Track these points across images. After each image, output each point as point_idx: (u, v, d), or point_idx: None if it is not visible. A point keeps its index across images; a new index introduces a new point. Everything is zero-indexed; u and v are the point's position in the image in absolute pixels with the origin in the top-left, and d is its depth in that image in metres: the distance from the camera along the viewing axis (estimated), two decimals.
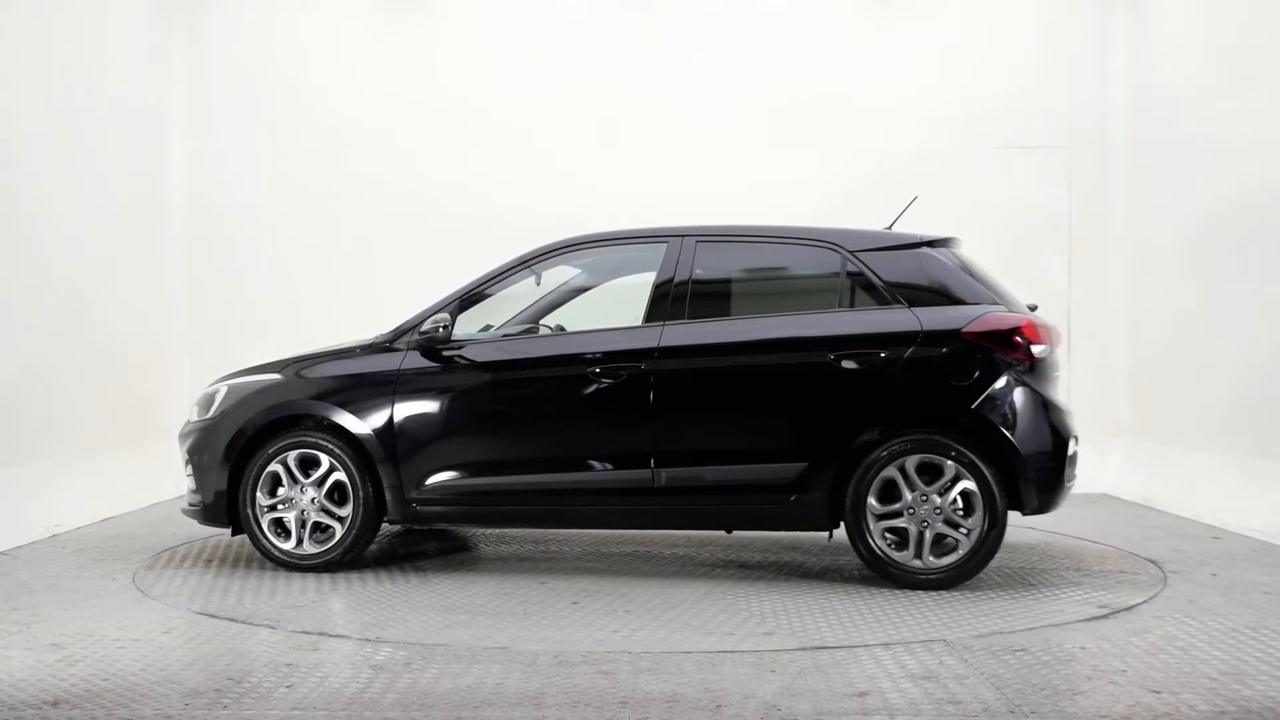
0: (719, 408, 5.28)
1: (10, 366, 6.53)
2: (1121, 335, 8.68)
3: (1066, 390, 8.02)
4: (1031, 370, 5.09)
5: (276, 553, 5.55)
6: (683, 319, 5.34)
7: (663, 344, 5.28)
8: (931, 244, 5.36)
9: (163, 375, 8.67)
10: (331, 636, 4.32)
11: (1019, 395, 5.05)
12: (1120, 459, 8.43)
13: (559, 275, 6.00)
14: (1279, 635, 4.32)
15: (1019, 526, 6.65)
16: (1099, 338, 8.73)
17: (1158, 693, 3.59)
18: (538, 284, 5.91)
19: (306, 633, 4.37)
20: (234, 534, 5.70)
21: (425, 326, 5.49)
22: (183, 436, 5.84)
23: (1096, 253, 8.76)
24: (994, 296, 5.22)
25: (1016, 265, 8.44)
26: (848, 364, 5.10)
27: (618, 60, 8.91)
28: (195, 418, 5.79)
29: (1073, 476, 5.21)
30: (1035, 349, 5.08)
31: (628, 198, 8.20)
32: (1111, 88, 8.70)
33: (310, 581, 5.34)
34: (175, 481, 8.42)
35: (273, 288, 8.91)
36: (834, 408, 5.12)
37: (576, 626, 4.48)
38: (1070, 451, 5.13)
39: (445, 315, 5.48)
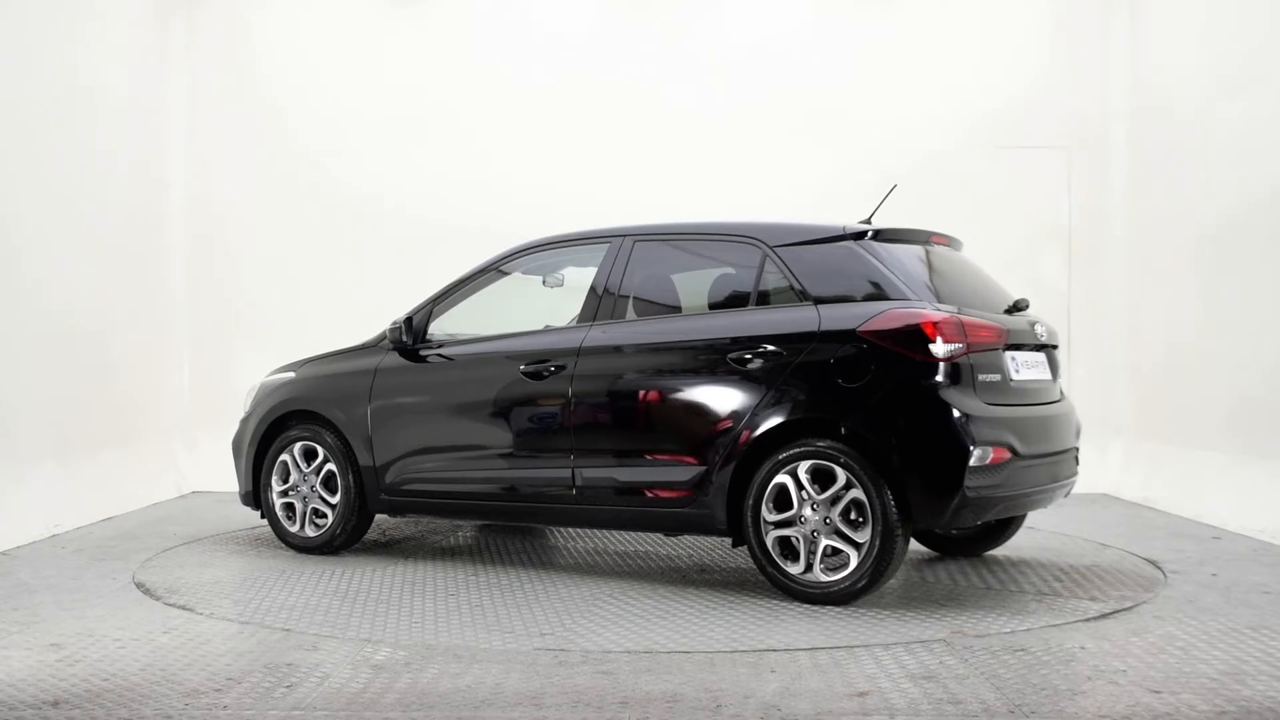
0: (627, 409, 5.20)
1: (10, 366, 6.53)
2: (1121, 335, 8.68)
3: (1067, 390, 8.03)
4: (938, 371, 4.59)
5: (287, 535, 6.08)
6: (611, 319, 5.35)
7: (584, 345, 5.31)
8: (857, 236, 4.98)
9: (162, 375, 8.67)
10: (331, 637, 4.31)
11: (913, 398, 4.60)
12: (1120, 459, 8.44)
13: (525, 278, 6.04)
14: (1279, 635, 4.32)
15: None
16: (1099, 338, 8.74)
17: (1158, 693, 3.59)
18: (546, 284, 6.03)
19: (306, 633, 4.37)
20: (262, 516, 6.22)
21: (388, 328, 5.85)
22: None
23: (1096, 253, 8.76)
24: (913, 291, 4.76)
25: (1016, 265, 8.45)
26: (746, 365, 4.87)
27: (612, 61, 8.91)
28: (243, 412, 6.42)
29: (987, 488, 4.61)
30: (938, 348, 4.59)
31: (625, 199, 8.20)
32: (1112, 88, 8.71)
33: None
34: (175, 481, 8.44)
35: (273, 287, 8.91)
36: (731, 410, 4.88)
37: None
38: (977, 462, 4.53)
39: (403, 317, 5.80)
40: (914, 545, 5.90)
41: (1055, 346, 5.44)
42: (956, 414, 4.57)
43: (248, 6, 9.03)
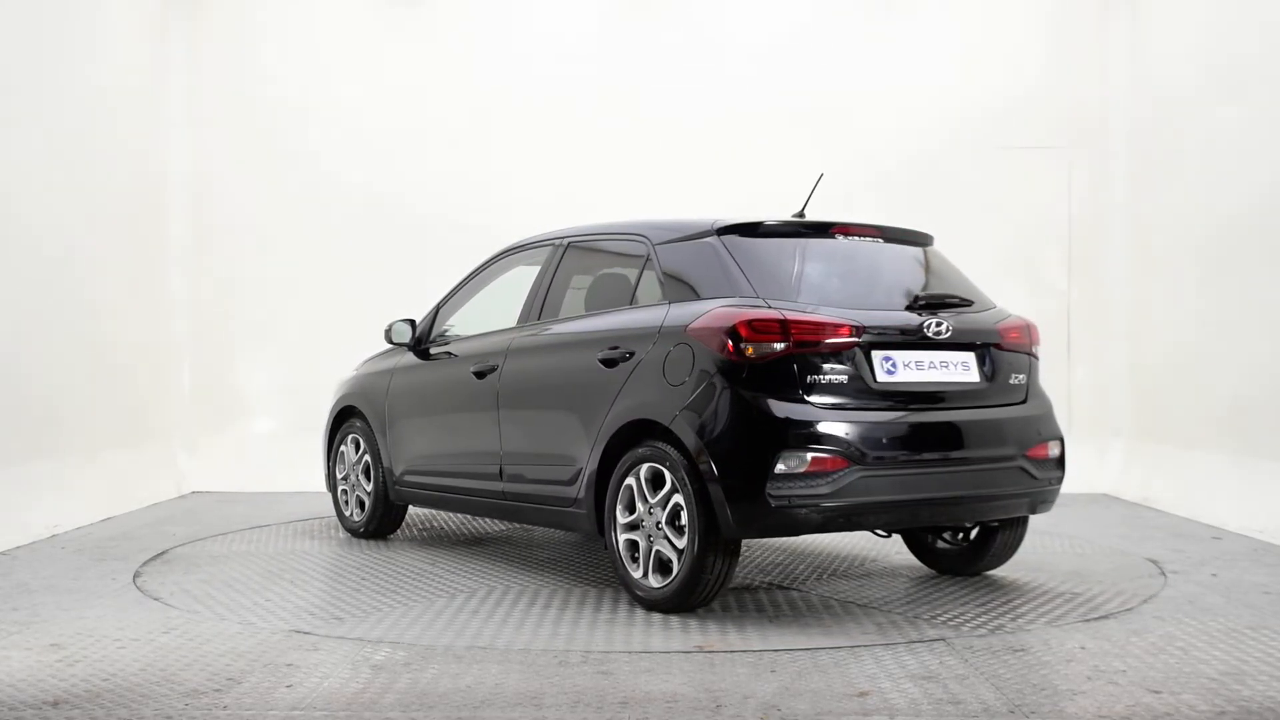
0: (530, 409, 5.33)
1: (10, 366, 6.53)
2: (1121, 335, 8.68)
3: (1067, 390, 8.02)
4: (750, 371, 4.36)
5: (342, 519, 6.76)
6: (539, 320, 5.48)
7: (511, 347, 5.49)
8: (722, 231, 4.78)
9: (163, 376, 8.67)
10: (331, 637, 4.31)
11: (722, 399, 4.39)
12: (1120, 459, 8.44)
13: (513, 278, 6.09)
14: (1279, 635, 4.32)
15: None
16: (1099, 338, 8.73)
17: (1158, 693, 3.59)
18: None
19: (306, 633, 4.37)
20: None
21: (385, 328, 6.25)
22: None
23: (1096, 253, 8.76)
24: (756, 288, 4.54)
25: (1016, 265, 8.45)
26: (610, 365, 4.85)
27: (612, 63, 8.91)
28: None
29: (810, 498, 4.28)
30: (751, 348, 4.35)
31: (624, 200, 8.20)
32: (1112, 88, 8.71)
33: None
34: (175, 481, 8.44)
35: (273, 288, 8.91)
36: (597, 410, 4.87)
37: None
38: (787, 468, 4.25)
39: (405, 319, 6.19)
40: (912, 560, 5.87)
41: (996, 345, 4.83)
42: (763, 416, 4.32)
43: (250, 8, 9.03)
